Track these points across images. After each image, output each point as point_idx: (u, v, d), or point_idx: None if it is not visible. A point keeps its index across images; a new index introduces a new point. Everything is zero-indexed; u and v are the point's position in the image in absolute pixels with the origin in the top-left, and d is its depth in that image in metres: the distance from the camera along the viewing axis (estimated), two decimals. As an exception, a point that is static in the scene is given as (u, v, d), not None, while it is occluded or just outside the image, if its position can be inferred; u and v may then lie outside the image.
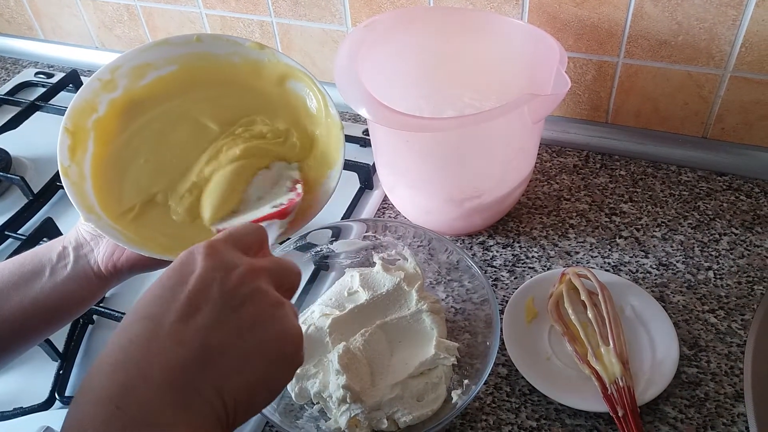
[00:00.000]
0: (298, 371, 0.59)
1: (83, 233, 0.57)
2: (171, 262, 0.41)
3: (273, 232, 0.53)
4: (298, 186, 0.58)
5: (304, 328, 0.62)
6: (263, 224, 0.49)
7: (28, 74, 1.13)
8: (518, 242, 0.76)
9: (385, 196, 0.82)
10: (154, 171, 0.59)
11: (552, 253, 0.74)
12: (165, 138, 0.60)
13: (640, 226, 0.76)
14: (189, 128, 0.61)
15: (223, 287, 0.38)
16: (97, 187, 0.57)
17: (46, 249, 0.56)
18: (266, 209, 0.56)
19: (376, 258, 0.67)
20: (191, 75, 0.63)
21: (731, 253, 0.72)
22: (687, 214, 0.77)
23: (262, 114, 0.62)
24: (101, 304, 0.71)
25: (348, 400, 0.56)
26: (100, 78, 0.60)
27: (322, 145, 0.61)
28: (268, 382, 0.39)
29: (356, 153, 0.88)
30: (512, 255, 0.74)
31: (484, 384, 0.57)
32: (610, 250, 0.74)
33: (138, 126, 0.60)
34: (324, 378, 0.59)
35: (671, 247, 0.73)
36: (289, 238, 0.63)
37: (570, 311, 0.64)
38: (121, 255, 0.56)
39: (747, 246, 0.73)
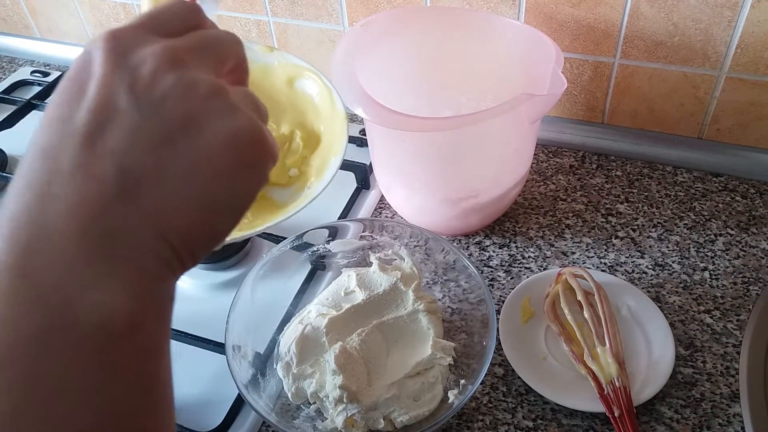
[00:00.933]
0: (294, 371, 0.60)
1: None
2: None
3: (208, 3, 0.43)
4: None
5: (300, 328, 0.62)
6: None
7: (24, 73, 1.13)
8: (515, 242, 0.76)
9: (382, 195, 0.82)
10: None
11: (548, 253, 0.74)
12: None
13: (636, 227, 0.76)
14: None
15: (134, 88, 0.27)
16: None
17: None
18: None
19: (372, 258, 0.67)
20: None
21: (727, 254, 0.72)
22: (683, 214, 0.77)
23: (270, 117, 0.62)
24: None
25: (344, 400, 0.56)
26: None
27: (327, 138, 0.61)
28: (224, 201, 0.29)
29: (353, 153, 0.88)
30: (509, 255, 0.74)
31: (481, 384, 0.58)
32: (606, 250, 0.74)
33: None
34: (321, 378, 0.59)
35: (667, 247, 0.73)
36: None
37: (566, 311, 0.64)
38: None
39: (742, 247, 0.73)
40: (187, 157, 0.27)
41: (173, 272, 0.29)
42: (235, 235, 0.53)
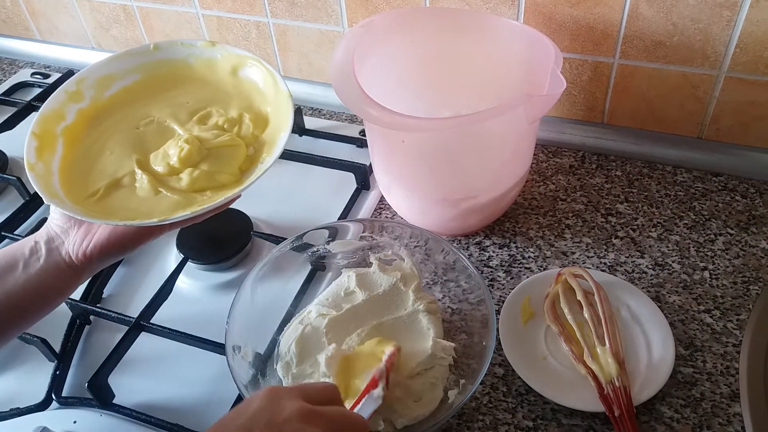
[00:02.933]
0: (294, 370, 0.60)
1: (53, 227, 0.58)
2: (134, 230, 0.50)
3: (368, 407, 0.53)
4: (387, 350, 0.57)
5: (300, 328, 0.62)
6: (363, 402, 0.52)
7: (24, 75, 1.13)
8: (514, 242, 0.76)
9: (382, 196, 0.82)
10: (119, 160, 0.63)
11: (548, 253, 0.74)
12: (130, 134, 0.65)
13: (635, 227, 0.76)
14: (153, 125, 0.66)
15: (269, 426, 0.41)
16: (64, 180, 0.61)
17: (18, 245, 0.57)
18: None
19: (372, 258, 0.67)
20: (154, 81, 0.69)
21: (726, 254, 0.72)
22: (682, 214, 0.77)
23: (217, 105, 0.67)
24: (98, 305, 0.71)
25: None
26: (66, 89, 0.66)
27: (274, 117, 0.65)
28: None
29: (353, 153, 0.88)
30: (508, 255, 0.74)
31: (481, 384, 0.58)
32: (606, 250, 0.74)
33: (105, 128, 0.66)
34: (320, 378, 0.59)
35: (667, 247, 0.73)
36: None
37: (566, 311, 0.64)
38: (90, 243, 0.57)
39: (742, 246, 0.73)
40: None
41: None
42: (195, 209, 0.56)
